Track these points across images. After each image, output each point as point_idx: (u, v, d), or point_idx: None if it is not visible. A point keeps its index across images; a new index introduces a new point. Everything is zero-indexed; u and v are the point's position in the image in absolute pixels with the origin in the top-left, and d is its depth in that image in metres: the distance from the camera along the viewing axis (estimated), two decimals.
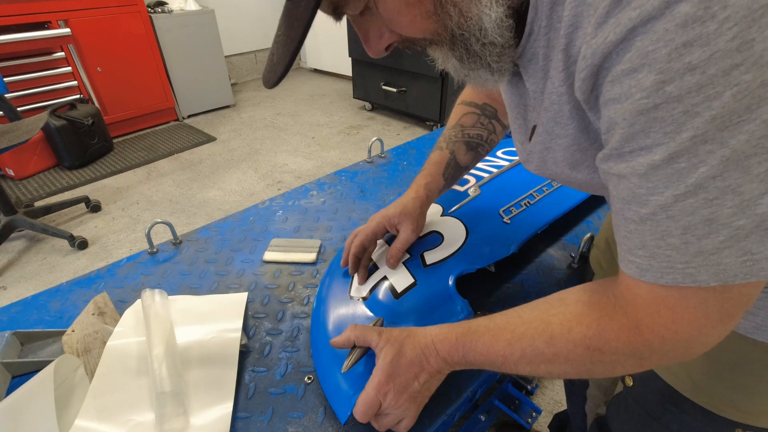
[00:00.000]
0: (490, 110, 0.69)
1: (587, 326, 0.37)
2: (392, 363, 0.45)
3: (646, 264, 0.31)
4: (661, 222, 0.29)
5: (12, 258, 1.95)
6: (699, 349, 0.34)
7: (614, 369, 0.37)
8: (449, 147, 0.68)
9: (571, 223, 0.82)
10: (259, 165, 2.72)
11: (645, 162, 0.28)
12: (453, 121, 0.70)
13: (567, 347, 0.38)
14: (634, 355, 0.35)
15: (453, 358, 0.45)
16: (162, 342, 0.53)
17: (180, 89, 3.27)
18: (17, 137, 1.77)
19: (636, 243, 0.31)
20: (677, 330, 0.32)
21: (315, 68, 4.62)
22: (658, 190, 0.28)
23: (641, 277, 0.32)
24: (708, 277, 0.28)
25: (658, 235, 0.29)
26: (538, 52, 0.35)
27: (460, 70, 0.40)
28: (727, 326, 0.32)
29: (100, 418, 0.47)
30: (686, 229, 0.28)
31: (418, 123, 3.26)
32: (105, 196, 2.39)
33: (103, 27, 2.70)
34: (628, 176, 0.29)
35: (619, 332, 0.35)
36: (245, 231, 0.82)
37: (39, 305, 0.65)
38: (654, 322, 0.33)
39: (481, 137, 0.68)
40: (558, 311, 0.40)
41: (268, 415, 0.50)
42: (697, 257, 0.28)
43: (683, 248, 0.28)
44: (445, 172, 0.67)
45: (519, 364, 0.41)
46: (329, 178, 0.99)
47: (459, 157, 0.68)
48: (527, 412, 1.05)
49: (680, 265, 0.29)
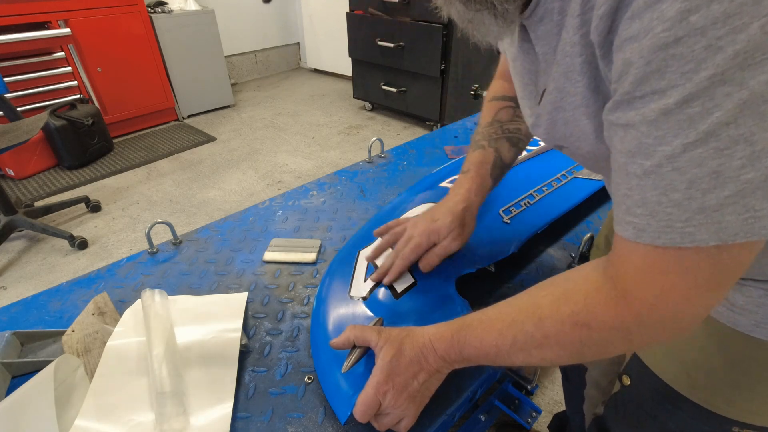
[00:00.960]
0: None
1: (575, 302, 0.37)
2: (391, 362, 0.45)
3: (644, 223, 0.30)
4: (666, 175, 0.28)
5: (12, 258, 1.95)
6: (685, 323, 0.33)
7: (604, 348, 0.37)
8: (492, 145, 0.65)
9: (571, 223, 0.82)
10: (259, 165, 2.72)
11: (657, 107, 0.27)
12: (488, 118, 0.67)
13: (556, 327, 0.38)
14: (621, 328, 0.34)
15: (450, 356, 0.45)
16: (162, 342, 0.53)
17: (180, 89, 3.27)
18: (17, 137, 1.77)
19: (636, 200, 0.30)
20: (666, 298, 0.32)
21: (315, 68, 4.62)
22: (666, 139, 0.27)
23: (637, 239, 0.31)
24: (708, 236, 0.28)
25: (661, 190, 0.28)
26: (553, 7, 0.35)
27: (464, 13, 0.38)
28: (715, 296, 0.32)
29: (100, 418, 0.47)
30: (691, 183, 0.27)
31: (418, 123, 3.26)
32: (105, 196, 2.40)
33: (103, 27, 2.70)
34: (636, 125, 0.28)
35: (606, 304, 0.35)
36: (245, 231, 0.82)
37: (39, 305, 0.65)
38: (643, 290, 0.32)
39: (520, 131, 0.66)
40: (548, 292, 0.40)
41: (268, 415, 0.50)
42: (699, 214, 0.27)
43: (686, 204, 0.28)
44: (492, 172, 0.64)
45: (512, 353, 0.41)
46: (329, 178, 0.99)
47: (504, 154, 0.65)
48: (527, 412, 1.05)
49: (680, 223, 0.28)
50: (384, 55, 2.97)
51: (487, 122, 0.67)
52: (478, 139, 0.67)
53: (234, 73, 4.19)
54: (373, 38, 2.94)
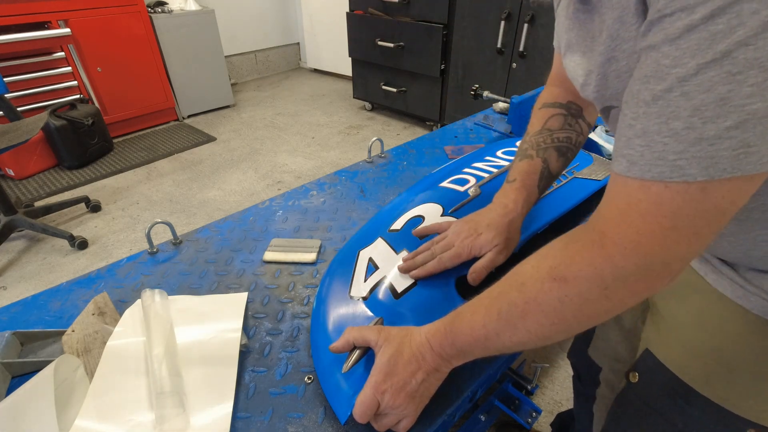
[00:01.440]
0: (575, 109, 0.65)
1: (553, 257, 0.37)
2: (389, 362, 0.45)
3: (637, 155, 0.30)
4: (673, 101, 0.28)
5: (12, 258, 1.95)
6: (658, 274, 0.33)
7: (582, 307, 0.36)
8: (540, 155, 0.63)
9: (571, 222, 0.81)
10: (259, 165, 2.72)
11: (682, 24, 0.26)
12: (538, 126, 0.66)
13: (535, 287, 0.38)
14: (597, 279, 0.34)
15: (445, 350, 0.45)
16: (162, 342, 0.53)
17: (180, 89, 3.27)
18: (17, 137, 1.77)
19: (637, 130, 0.30)
20: (641, 243, 0.31)
21: (315, 68, 4.62)
22: (683, 60, 0.27)
23: (628, 173, 0.31)
24: (697, 171, 0.28)
25: (664, 118, 0.28)
26: None
27: None
28: (692, 245, 0.31)
29: (100, 418, 0.47)
30: (695, 110, 0.27)
31: (418, 123, 3.26)
32: (105, 196, 2.40)
33: (103, 27, 2.70)
34: (658, 45, 0.28)
35: (582, 251, 0.35)
36: (245, 231, 0.82)
37: (39, 305, 0.65)
38: (619, 233, 0.32)
39: (570, 140, 0.65)
40: (530, 259, 0.41)
41: (268, 415, 0.50)
42: (694, 146, 0.28)
43: (683, 134, 0.28)
44: (540, 183, 0.63)
45: (500, 331, 0.40)
46: (329, 178, 0.99)
47: (552, 165, 0.63)
48: (527, 412, 1.06)
49: (673, 155, 0.29)
50: (384, 55, 2.97)
51: (537, 130, 0.65)
52: (526, 148, 0.65)
53: (234, 73, 4.19)
54: (373, 38, 2.94)
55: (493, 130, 1.23)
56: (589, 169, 0.87)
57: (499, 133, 1.21)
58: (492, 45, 2.40)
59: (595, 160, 0.91)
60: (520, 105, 1.12)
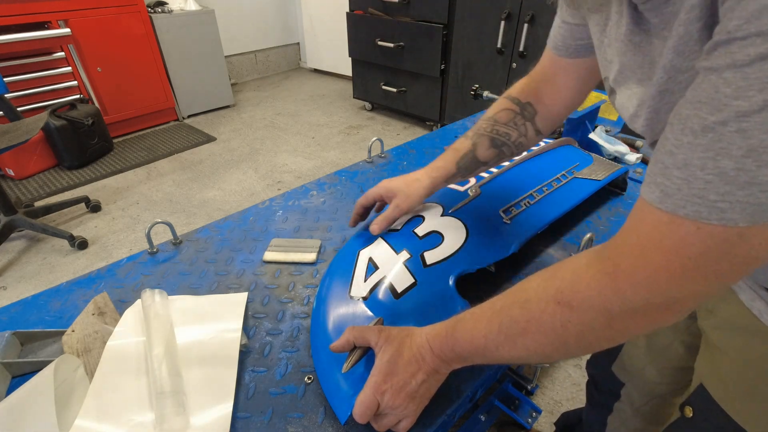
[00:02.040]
0: (530, 111, 0.66)
1: (561, 279, 0.36)
2: (389, 362, 0.45)
3: (674, 188, 0.28)
4: (726, 136, 0.25)
5: (12, 258, 1.95)
6: (669, 312, 0.32)
7: (586, 335, 0.35)
8: (474, 138, 0.67)
9: (571, 223, 0.82)
10: (259, 165, 2.72)
11: (754, 52, 0.23)
12: (490, 113, 0.69)
13: (539, 307, 0.36)
14: (603, 310, 0.33)
15: (445, 354, 0.44)
16: (162, 342, 0.53)
17: (180, 89, 3.27)
18: (17, 137, 1.77)
19: (678, 161, 0.28)
20: (656, 279, 0.30)
21: (315, 68, 4.62)
22: (748, 92, 0.24)
23: (659, 204, 0.29)
24: (740, 216, 0.25)
25: (712, 154, 0.26)
26: None
27: None
28: (710, 288, 0.30)
29: (100, 418, 0.47)
30: (751, 151, 0.24)
31: (418, 123, 3.26)
32: (105, 196, 2.40)
33: (103, 27, 2.70)
34: (721, 69, 0.25)
35: (591, 280, 0.33)
36: (245, 231, 0.82)
37: (39, 305, 0.65)
38: (635, 266, 0.31)
39: (509, 137, 0.66)
40: (537, 276, 0.40)
41: (268, 415, 0.50)
42: (742, 189, 0.25)
43: (732, 175, 0.25)
44: (460, 161, 0.67)
45: (499, 345, 0.40)
46: (329, 178, 0.99)
47: (479, 150, 0.66)
48: (527, 412, 1.05)
49: (715, 196, 0.26)
50: (384, 55, 2.97)
51: (487, 116, 0.68)
52: (470, 129, 0.70)
53: (234, 73, 4.19)
54: (373, 38, 2.94)
55: None
56: (589, 169, 0.87)
57: None
58: (492, 45, 2.40)
59: (595, 160, 0.91)
60: None
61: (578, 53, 0.58)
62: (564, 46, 0.58)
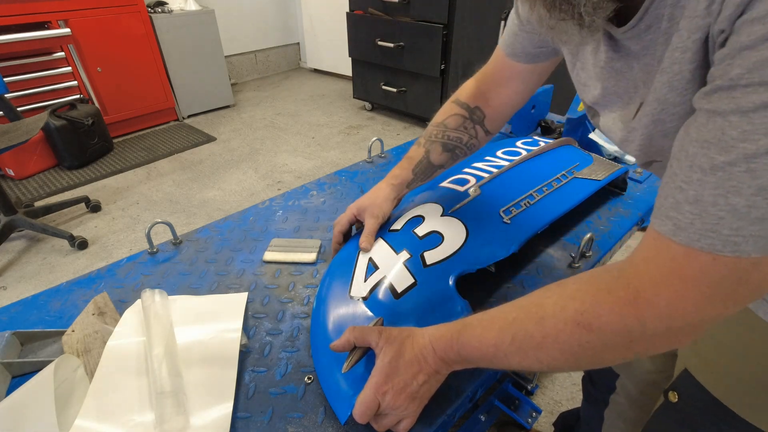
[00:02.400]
0: (478, 115, 0.69)
1: (581, 301, 0.36)
2: (391, 363, 0.45)
3: (687, 222, 0.29)
4: (736, 176, 0.26)
5: (12, 258, 1.95)
6: (688, 336, 0.33)
7: (601, 354, 0.36)
8: (426, 145, 0.70)
9: (571, 223, 0.82)
10: (259, 165, 2.72)
11: (759, 99, 0.25)
12: (439, 118, 0.71)
13: (557, 326, 0.37)
14: (624, 333, 0.34)
15: (449, 356, 0.44)
16: (162, 342, 0.53)
17: (180, 89, 3.27)
18: (17, 137, 1.77)
19: (689, 196, 0.29)
20: (677, 307, 0.31)
21: (315, 68, 4.62)
22: (754, 136, 0.25)
23: (673, 236, 0.30)
24: (753, 249, 0.27)
25: (723, 191, 0.27)
26: (662, 14, 0.33)
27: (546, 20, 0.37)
28: (726, 311, 0.31)
29: (100, 418, 0.47)
30: (761, 190, 0.26)
31: (418, 123, 3.26)
32: (105, 196, 2.39)
33: (103, 27, 2.70)
34: (726, 114, 0.27)
35: (614, 305, 0.34)
36: (245, 231, 0.82)
37: (39, 305, 0.65)
38: (656, 294, 0.32)
39: (461, 140, 0.70)
40: (554, 292, 0.40)
41: (268, 415, 0.50)
42: (754, 225, 0.26)
43: (744, 212, 0.26)
44: (415, 168, 0.70)
45: (509, 354, 0.40)
46: (329, 178, 0.99)
47: (433, 156, 0.70)
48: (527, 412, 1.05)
49: (728, 230, 0.27)
50: (384, 55, 2.97)
51: (437, 122, 0.71)
52: (421, 135, 0.73)
53: (234, 73, 4.19)
54: (373, 38, 2.94)
55: None
56: (589, 169, 0.87)
57: (499, 133, 1.21)
58: (492, 45, 2.38)
59: (595, 160, 0.91)
60: None
61: (537, 59, 0.60)
62: (523, 53, 0.60)
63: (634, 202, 0.88)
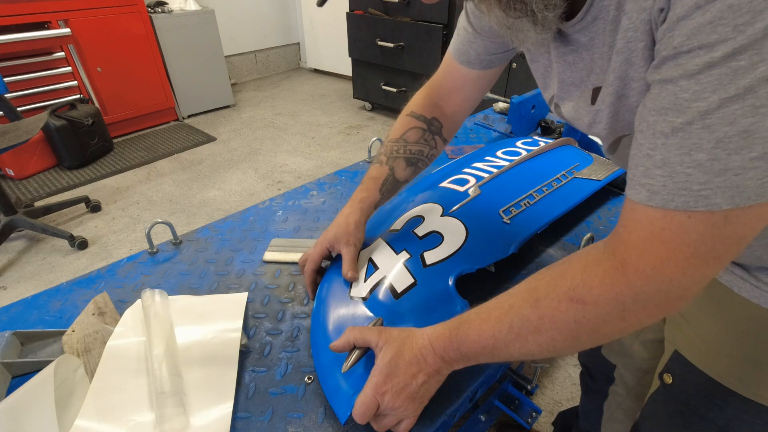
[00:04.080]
0: (436, 126, 0.70)
1: (571, 278, 0.37)
2: (390, 363, 0.45)
3: (659, 185, 0.30)
4: (694, 133, 0.28)
5: (12, 258, 1.95)
6: (680, 300, 0.34)
7: (599, 328, 0.37)
8: (389, 162, 0.69)
9: (571, 223, 0.82)
10: (259, 165, 2.72)
11: (701, 61, 0.27)
12: (397, 134, 0.70)
13: (551, 306, 0.38)
14: (616, 302, 0.35)
15: (449, 354, 0.45)
16: (162, 342, 0.53)
17: (180, 89, 3.27)
18: (17, 137, 1.77)
19: (656, 161, 0.31)
20: (663, 269, 0.32)
21: (315, 68, 4.62)
22: (704, 94, 0.27)
23: (649, 201, 0.31)
24: (722, 200, 0.28)
25: (686, 150, 0.29)
26: (609, 4, 0.35)
27: (503, 20, 0.39)
28: (711, 270, 0.32)
29: (100, 418, 0.47)
30: (719, 142, 0.27)
31: None
32: (105, 196, 2.40)
33: (103, 27, 2.70)
34: (675, 79, 0.29)
35: (603, 276, 0.35)
36: (245, 231, 0.82)
37: (39, 305, 0.65)
38: (642, 259, 0.33)
39: (422, 153, 0.69)
40: (546, 274, 0.41)
41: (268, 415, 0.50)
42: (719, 176, 0.28)
43: (708, 165, 0.28)
44: (382, 187, 0.68)
45: (509, 343, 0.41)
46: (329, 178, 0.99)
47: (398, 172, 0.68)
48: (527, 412, 1.05)
49: (697, 185, 0.29)
50: (384, 55, 2.97)
51: (395, 137, 0.70)
52: (381, 152, 0.70)
53: (234, 73, 4.19)
54: (373, 38, 2.94)
55: (493, 130, 1.23)
56: (589, 169, 0.87)
57: (499, 133, 1.21)
58: None
59: (595, 160, 0.91)
60: (520, 105, 1.12)
61: (491, 64, 0.61)
62: (477, 60, 0.61)
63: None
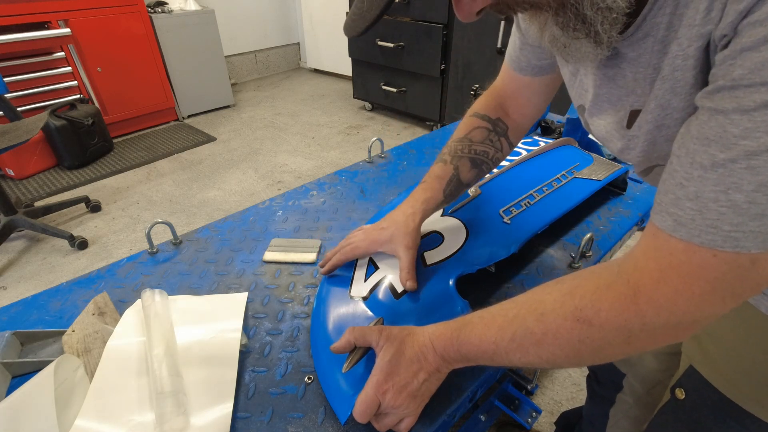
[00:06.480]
0: (501, 127, 0.66)
1: (581, 297, 0.36)
2: (391, 362, 0.45)
3: (687, 218, 0.29)
4: (736, 172, 0.27)
5: (12, 258, 1.95)
6: (687, 331, 0.33)
7: (602, 350, 0.36)
8: (454, 162, 0.65)
9: (571, 223, 0.82)
10: (259, 165, 2.72)
11: (760, 98, 0.25)
12: (462, 133, 0.67)
13: (556, 322, 0.37)
14: (623, 329, 0.34)
15: (449, 354, 0.45)
16: (162, 342, 0.53)
17: (180, 89, 3.27)
18: (17, 137, 1.77)
19: (689, 193, 0.29)
20: (676, 303, 0.31)
21: (315, 68, 4.62)
22: (755, 134, 0.26)
23: (674, 232, 0.30)
24: (752, 244, 0.27)
25: (723, 188, 0.27)
26: (660, 22, 0.33)
27: (559, 39, 0.37)
28: (725, 307, 0.31)
29: (100, 418, 0.47)
30: (761, 186, 0.26)
31: (418, 123, 3.26)
32: (105, 196, 2.39)
33: (103, 27, 2.70)
34: (728, 112, 0.27)
35: (614, 301, 0.34)
36: (245, 231, 0.82)
37: (39, 305, 0.65)
38: (656, 290, 0.32)
39: (487, 155, 0.66)
40: (553, 289, 0.40)
41: (268, 415, 0.50)
42: (754, 220, 0.27)
43: (744, 207, 0.27)
44: (446, 188, 0.65)
45: (510, 351, 0.40)
46: (329, 178, 0.99)
47: (462, 173, 0.65)
48: (527, 412, 1.05)
49: (728, 226, 0.28)
50: (384, 55, 2.97)
51: (459, 137, 0.67)
52: (445, 152, 0.67)
53: (234, 73, 4.19)
54: (373, 38, 2.94)
55: None
56: (589, 169, 0.87)
57: None
58: (492, 45, 2.39)
59: (595, 160, 0.91)
60: None
61: (543, 71, 0.60)
62: (529, 67, 0.60)
63: (634, 202, 0.88)
